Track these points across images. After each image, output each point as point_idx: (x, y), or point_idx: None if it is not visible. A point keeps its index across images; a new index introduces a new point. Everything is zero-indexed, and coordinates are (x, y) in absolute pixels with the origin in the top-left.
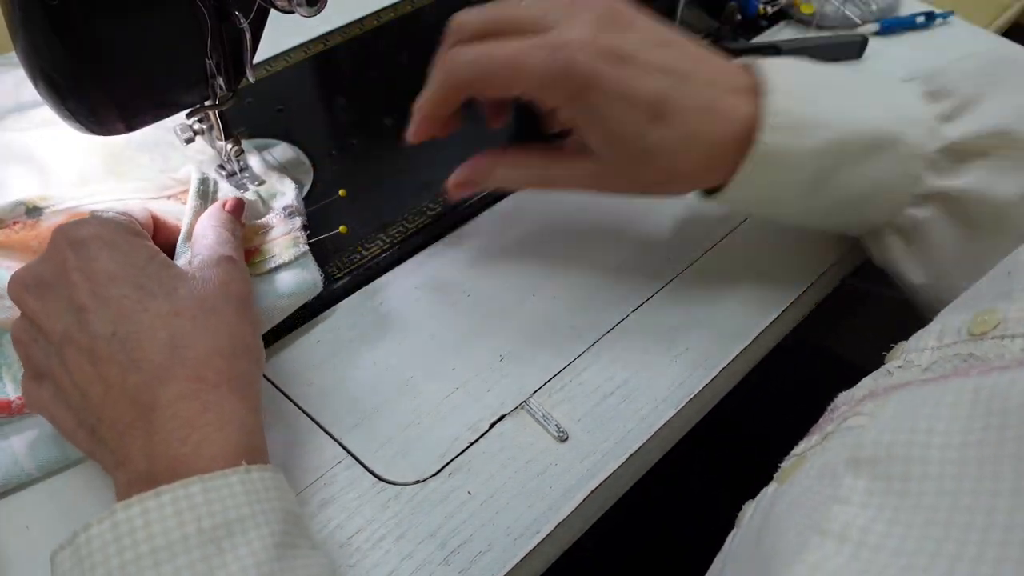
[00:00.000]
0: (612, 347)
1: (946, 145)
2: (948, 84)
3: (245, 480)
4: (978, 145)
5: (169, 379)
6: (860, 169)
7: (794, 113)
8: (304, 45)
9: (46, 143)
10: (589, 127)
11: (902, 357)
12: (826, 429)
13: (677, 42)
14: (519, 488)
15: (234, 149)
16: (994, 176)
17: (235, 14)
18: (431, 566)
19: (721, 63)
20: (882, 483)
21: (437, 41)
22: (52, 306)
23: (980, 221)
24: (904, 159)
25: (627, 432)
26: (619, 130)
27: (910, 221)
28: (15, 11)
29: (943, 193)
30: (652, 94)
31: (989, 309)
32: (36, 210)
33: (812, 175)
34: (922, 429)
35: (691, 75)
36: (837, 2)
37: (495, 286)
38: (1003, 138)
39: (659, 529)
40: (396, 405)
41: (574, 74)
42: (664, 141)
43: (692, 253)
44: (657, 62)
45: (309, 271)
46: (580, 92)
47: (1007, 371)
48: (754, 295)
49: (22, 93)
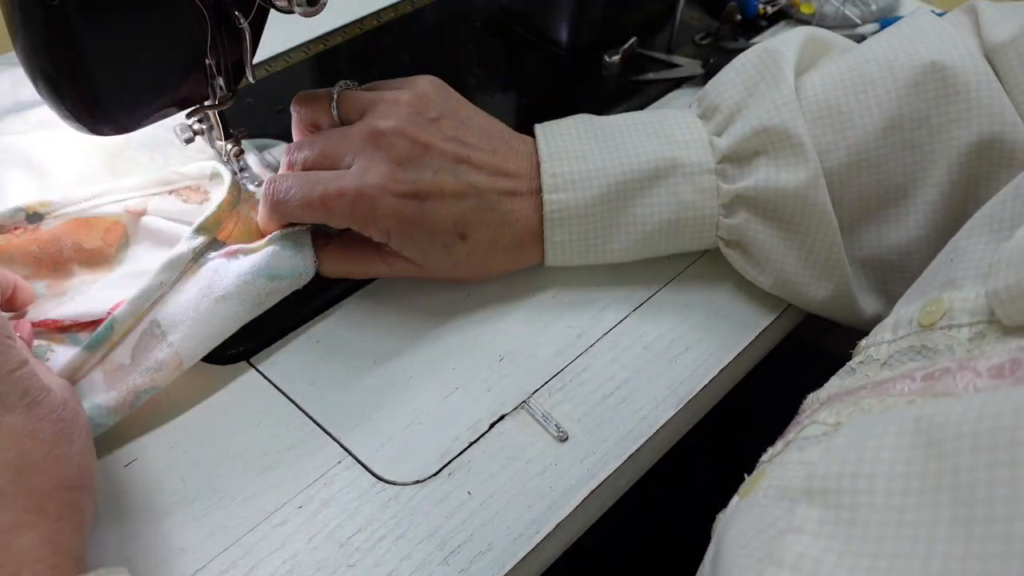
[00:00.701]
0: (612, 347)
1: (724, 154)
2: (716, 99)
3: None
4: (750, 146)
5: (5, 507)
6: (653, 199)
7: (566, 173)
8: (304, 45)
9: (45, 145)
10: (402, 250)
11: (863, 352)
12: (788, 436)
13: (472, 138)
14: (519, 488)
15: (234, 149)
16: (778, 170)
17: (235, 14)
18: (431, 566)
19: (512, 143)
20: (833, 512)
21: (437, 41)
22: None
23: (782, 212)
24: (691, 177)
25: (627, 432)
26: (429, 251)
27: (731, 231)
28: (15, 11)
29: (741, 196)
30: (452, 221)
31: (935, 299)
32: (36, 216)
33: (608, 218)
34: (868, 459)
35: (485, 189)
36: (837, 2)
37: (495, 286)
38: (768, 134)
39: (659, 529)
40: (396, 405)
41: (377, 218)
42: (472, 252)
43: (692, 253)
44: (453, 186)
45: (303, 254)
46: (387, 231)
47: (946, 398)
48: (754, 295)
49: (19, 93)
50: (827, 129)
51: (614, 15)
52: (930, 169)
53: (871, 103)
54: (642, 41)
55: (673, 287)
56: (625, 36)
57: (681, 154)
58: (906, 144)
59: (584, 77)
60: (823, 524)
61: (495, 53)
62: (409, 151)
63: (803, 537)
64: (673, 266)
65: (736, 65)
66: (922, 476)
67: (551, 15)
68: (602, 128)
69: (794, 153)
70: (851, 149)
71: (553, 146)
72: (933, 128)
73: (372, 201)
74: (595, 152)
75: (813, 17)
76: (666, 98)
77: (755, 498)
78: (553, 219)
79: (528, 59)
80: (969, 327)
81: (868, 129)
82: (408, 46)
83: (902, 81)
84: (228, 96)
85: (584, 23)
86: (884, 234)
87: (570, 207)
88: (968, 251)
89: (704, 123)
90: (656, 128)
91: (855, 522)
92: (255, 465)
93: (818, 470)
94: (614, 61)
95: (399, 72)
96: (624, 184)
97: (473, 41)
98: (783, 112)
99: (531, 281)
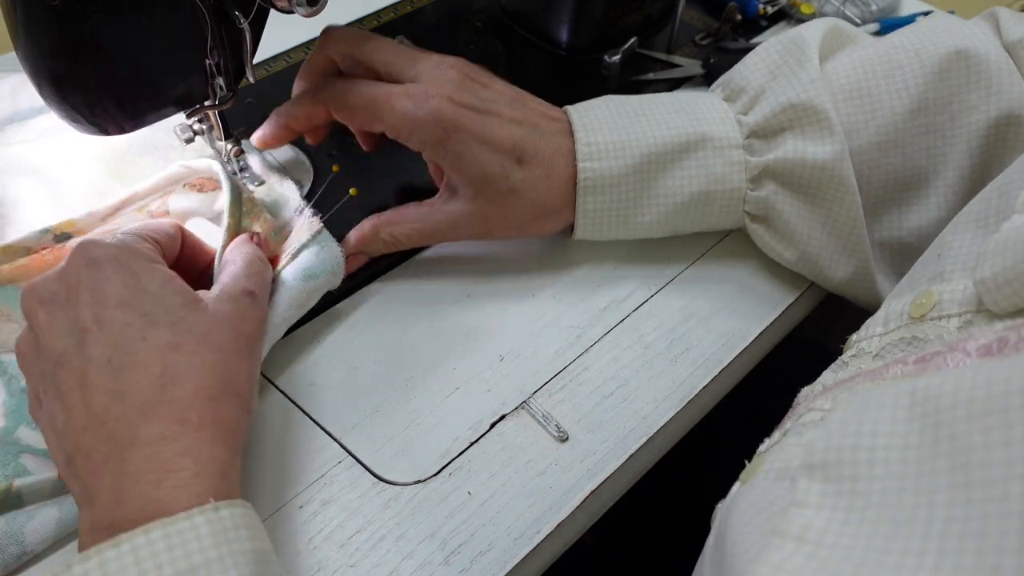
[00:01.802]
0: (612, 347)
1: (752, 130)
2: (741, 83)
3: (213, 520)
4: (777, 122)
5: (152, 417)
6: (683, 171)
7: (601, 143)
8: (304, 45)
9: (51, 154)
10: (457, 170)
11: (855, 346)
12: (785, 426)
13: (522, 98)
14: (519, 488)
15: (234, 149)
16: (805, 143)
17: (235, 14)
18: (431, 566)
19: (553, 114)
20: (834, 485)
21: (437, 41)
22: (58, 323)
23: (809, 185)
24: (720, 150)
25: (627, 432)
26: (486, 171)
27: (758, 204)
28: (16, 11)
29: (769, 168)
30: (511, 140)
31: (925, 292)
32: (65, 236)
33: (640, 188)
34: (867, 432)
35: (540, 125)
36: (837, 2)
37: (495, 286)
38: (795, 109)
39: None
40: (396, 405)
41: (441, 121)
42: (528, 180)
43: (692, 253)
44: (512, 115)
45: (329, 249)
46: (446, 138)
47: (939, 372)
48: (754, 295)
49: (19, 101)
50: (856, 109)
51: (614, 15)
52: (950, 153)
53: (899, 86)
54: (642, 41)
55: (673, 287)
56: (625, 36)
57: (710, 129)
58: (929, 128)
59: (584, 77)
60: (825, 496)
61: (495, 53)
62: (469, 82)
63: (806, 510)
64: (673, 266)
65: (760, 51)
66: (919, 445)
67: (551, 15)
68: (631, 105)
69: (820, 128)
70: (880, 129)
71: (586, 119)
72: (955, 114)
73: (439, 104)
74: (628, 125)
75: (813, 17)
76: None
77: (756, 481)
78: (587, 187)
79: (528, 59)
80: (959, 317)
81: (897, 111)
82: None
83: (928, 67)
84: (228, 96)
85: (584, 23)
86: (904, 216)
87: (604, 176)
88: (955, 246)
89: (730, 105)
90: (684, 106)
91: (856, 492)
92: (255, 465)
93: (817, 446)
94: (614, 61)
95: None
96: (657, 155)
97: (473, 41)
98: (809, 89)
99: (532, 281)
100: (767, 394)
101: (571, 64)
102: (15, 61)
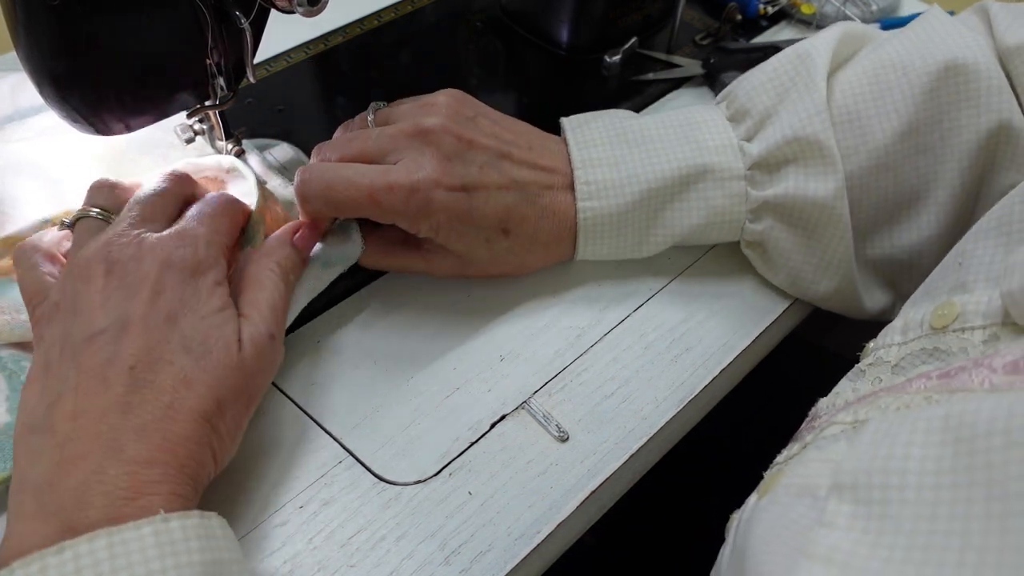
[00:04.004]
0: (612, 347)
1: (755, 161)
2: (746, 103)
3: (160, 531)
4: (781, 154)
5: (145, 441)
6: (684, 204)
7: (600, 181)
8: (304, 45)
9: (51, 152)
10: (446, 244)
11: (872, 354)
12: (806, 438)
13: (511, 147)
14: (520, 488)
15: (234, 149)
16: (807, 179)
17: (235, 14)
18: (432, 566)
19: (544, 142)
20: (864, 508)
21: (437, 41)
22: (112, 301)
23: (808, 221)
24: (722, 183)
25: (627, 432)
26: (474, 244)
27: (755, 235)
28: (16, 11)
29: (769, 203)
30: (497, 216)
31: (947, 302)
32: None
33: (641, 223)
34: (899, 456)
35: (528, 187)
36: (837, 2)
37: (496, 286)
38: (799, 143)
39: (659, 529)
40: (396, 405)
41: (431, 213)
42: (513, 247)
43: (692, 253)
44: (499, 182)
45: (353, 242)
46: (437, 225)
47: (972, 396)
48: (754, 295)
49: (19, 100)
50: (847, 134)
51: (614, 15)
52: (941, 171)
53: (889, 109)
54: (642, 41)
55: (673, 287)
56: (625, 36)
57: (712, 160)
58: (920, 148)
59: (584, 77)
60: (854, 519)
61: (495, 53)
62: (455, 147)
63: (834, 531)
64: (674, 266)
65: (767, 69)
66: (953, 472)
67: (551, 15)
68: (632, 132)
69: (823, 164)
70: (871, 154)
71: (585, 153)
72: (945, 132)
73: (426, 195)
74: (627, 158)
75: (814, 17)
76: (666, 98)
77: (775, 496)
78: (587, 226)
79: (528, 59)
80: (983, 329)
81: (887, 134)
82: (408, 46)
83: (918, 87)
84: (229, 96)
85: (584, 23)
86: (896, 235)
87: (603, 215)
88: (977, 255)
89: (734, 126)
90: (687, 133)
91: (886, 516)
92: (255, 465)
93: (845, 466)
94: (614, 61)
95: (400, 72)
96: (657, 191)
97: (473, 41)
98: (815, 122)
99: (532, 281)
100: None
101: (571, 64)
102: (15, 61)
